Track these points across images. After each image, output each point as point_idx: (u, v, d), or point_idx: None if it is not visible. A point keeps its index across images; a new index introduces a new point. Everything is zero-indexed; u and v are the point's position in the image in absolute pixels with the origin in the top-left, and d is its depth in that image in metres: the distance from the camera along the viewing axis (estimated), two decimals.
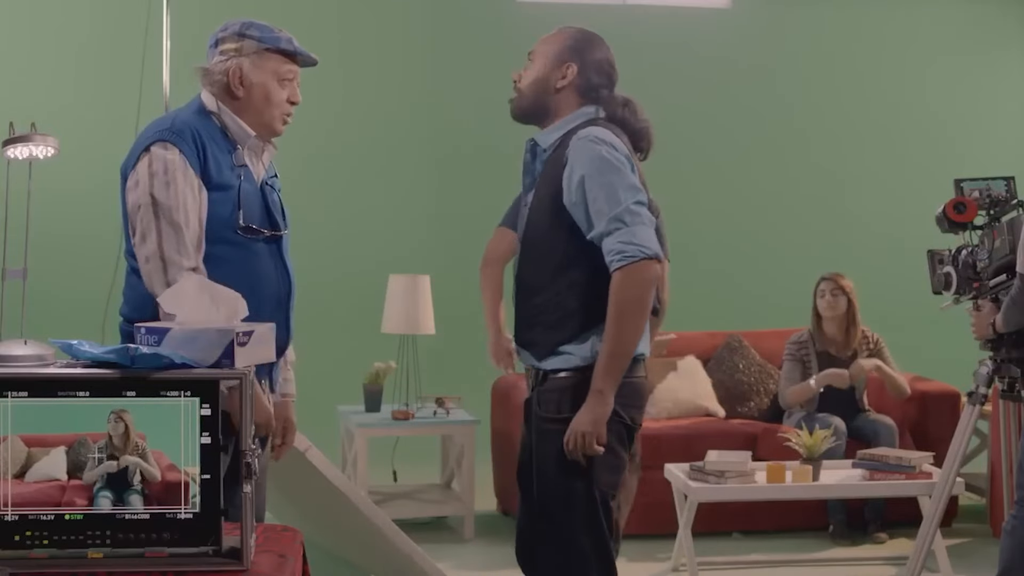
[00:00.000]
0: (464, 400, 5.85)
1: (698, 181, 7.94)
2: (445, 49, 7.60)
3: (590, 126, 3.04)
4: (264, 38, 2.93)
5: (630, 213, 2.91)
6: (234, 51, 2.93)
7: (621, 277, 2.88)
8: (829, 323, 5.68)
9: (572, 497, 2.98)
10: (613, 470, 3.02)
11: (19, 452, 2.13)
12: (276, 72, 2.94)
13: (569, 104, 3.09)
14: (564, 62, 3.09)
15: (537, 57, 3.13)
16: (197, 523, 2.16)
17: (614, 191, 2.92)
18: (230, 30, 2.96)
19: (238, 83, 2.92)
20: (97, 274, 5.03)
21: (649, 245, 2.89)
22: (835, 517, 5.45)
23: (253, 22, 2.97)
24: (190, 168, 2.82)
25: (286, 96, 2.97)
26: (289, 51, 2.96)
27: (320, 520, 4.53)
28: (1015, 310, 3.83)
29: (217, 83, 2.94)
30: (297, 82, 3.00)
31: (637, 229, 2.90)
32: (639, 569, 4.96)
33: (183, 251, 2.77)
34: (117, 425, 2.13)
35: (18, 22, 7.21)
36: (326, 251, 7.06)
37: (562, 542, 3.01)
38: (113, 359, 2.16)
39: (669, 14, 7.97)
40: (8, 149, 4.28)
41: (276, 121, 2.97)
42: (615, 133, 3.05)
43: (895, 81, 8.16)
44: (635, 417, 3.05)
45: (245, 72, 2.92)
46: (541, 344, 3.04)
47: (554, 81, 3.09)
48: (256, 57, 2.93)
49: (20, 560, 2.13)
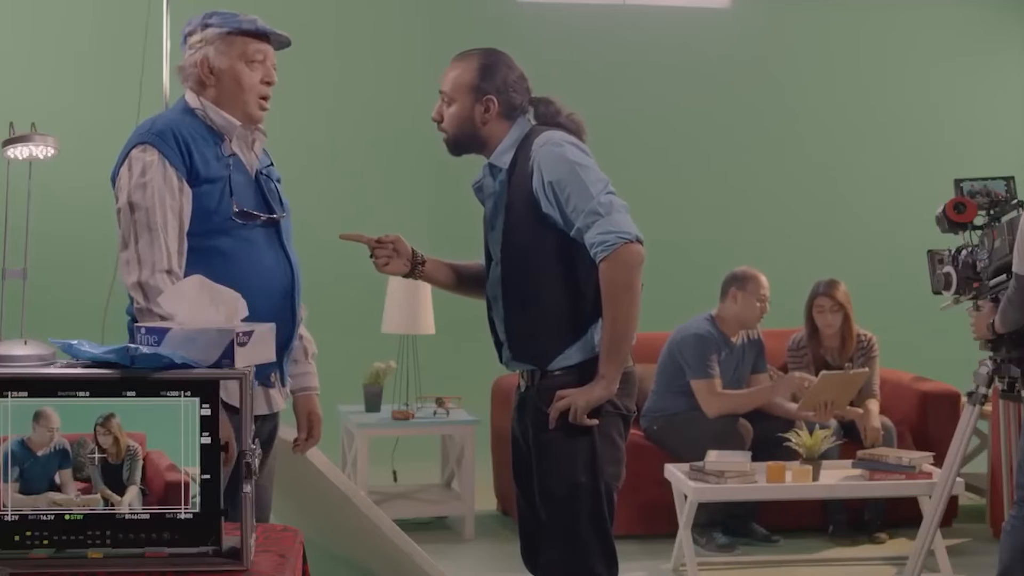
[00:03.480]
0: (464, 400, 5.85)
1: (697, 181, 7.96)
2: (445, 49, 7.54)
3: (542, 133, 3.06)
4: (224, 22, 2.93)
5: (603, 204, 2.94)
6: (199, 42, 2.93)
7: (607, 266, 2.92)
8: (826, 335, 5.68)
9: (577, 490, 3.00)
10: (615, 462, 3.06)
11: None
12: (243, 54, 2.93)
13: (499, 129, 3.12)
14: (482, 95, 3.09)
15: (453, 95, 3.11)
16: (197, 523, 2.15)
17: (584, 187, 2.95)
18: (194, 23, 2.96)
19: (207, 72, 2.92)
20: (97, 274, 5.03)
21: (627, 229, 2.93)
22: (835, 517, 5.45)
23: (215, 11, 2.96)
24: (170, 168, 2.82)
25: (259, 78, 2.94)
26: (250, 30, 2.93)
27: (320, 520, 4.54)
28: (1012, 310, 3.83)
29: (191, 77, 2.95)
30: (271, 63, 2.97)
31: (613, 217, 2.93)
32: (639, 569, 4.96)
33: (158, 253, 2.78)
34: (106, 437, 2.13)
35: (18, 22, 7.21)
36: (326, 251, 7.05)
37: (567, 535, 3.03)
38: (113, 359, 2.16)
39: (669, 14, 7.97)
40: (8, 149, 4.27)
41: (252, 105, 2.95)
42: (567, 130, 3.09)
43: (895, 81, 8.17)
44: (629, 406, 3.10)
45: (211, 60, 2.91)
46: (550, 352, 3.04)
47: (478, 117, 3.10)
48: (220, 43, 2.92)
49: (20, 560, 2.13)
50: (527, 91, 3.15)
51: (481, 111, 3.10)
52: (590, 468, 3.00)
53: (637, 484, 5.30)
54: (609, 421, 3.02)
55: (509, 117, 3.12)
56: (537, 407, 3.06)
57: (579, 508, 3.01)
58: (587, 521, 3.01)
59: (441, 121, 3.15)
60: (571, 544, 3.03)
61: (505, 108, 3.11)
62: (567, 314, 3.01)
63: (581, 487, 3.00)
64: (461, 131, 3.13)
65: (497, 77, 3.10)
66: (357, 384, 5.76)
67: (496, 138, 3.12)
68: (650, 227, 3.08)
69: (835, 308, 5.62)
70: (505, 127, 3.12)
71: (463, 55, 3.17)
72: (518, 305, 3.08)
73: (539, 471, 3.07)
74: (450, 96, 3.13)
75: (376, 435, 5.64)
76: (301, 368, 3.17)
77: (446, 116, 3.14)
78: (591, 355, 3.00)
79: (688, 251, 7.74)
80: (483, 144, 3.13)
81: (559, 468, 3.02)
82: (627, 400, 3.08)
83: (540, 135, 3.06)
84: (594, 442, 3.00)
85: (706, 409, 5.35)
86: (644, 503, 5.22)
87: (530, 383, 3.11)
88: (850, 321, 5.65)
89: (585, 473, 3.00)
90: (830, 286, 5.65)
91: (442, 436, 5.90)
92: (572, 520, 3.02)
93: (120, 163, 2.88)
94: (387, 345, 5.91)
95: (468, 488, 5.50)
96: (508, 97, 3.10)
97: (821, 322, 5.66)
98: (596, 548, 3.02)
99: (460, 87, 3.11)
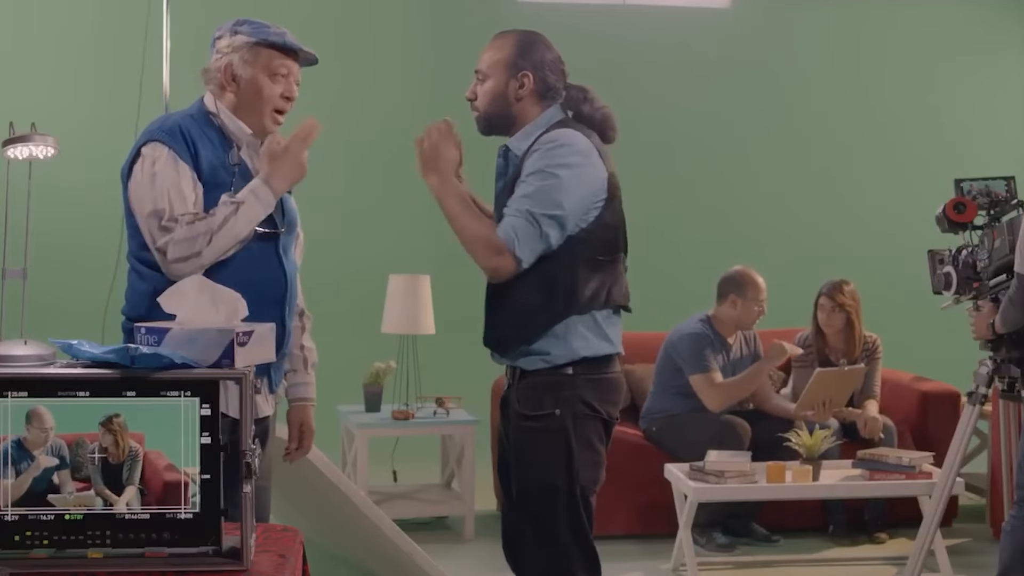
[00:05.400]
0: (464, 400, 5.85)
1: (698, 181, 7.96)
2: (445, 49, 7.59)
3: (558, 128, 3.04)
4: (254, 32, 2.93)
5: (538, 218, 2.92)
6: (227, 47, 2.94)
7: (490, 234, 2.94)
8: (829, 334, 5.68)
9: (553, 494, 3.00)
10: (593, 466, 3.05)
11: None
12: (267, 67, 2.92)
13: (532, 109, 3.09)
14: (519, 71, 3.07)
15: (489, 72, 3.10)
16: (197, 523, 2.16)
17: (544, 192, 2.93)
18: (225, 28, 2.97)
19: (230, 79, 2.92)
20: (97, 274, 5.03)
21: (524, 252, 2.91)
22: (835, 517, 5.45)
23: (248, 20, 2.96)
24: (181, 162, 2.82)
25: (279, 92, 2.94)
26: (279, 44, 2.93)
27: (320, 520, 4.54)
28: (1012, 310, 3.83)
29: (213, 80, 2.95)
30: (295, 79, 2.97)
31: (526, 230, 2.91)
32: (639, 569, 4.96)
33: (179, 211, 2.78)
34: (106, 436, 2.13)
35: (19, 22, 7.21)
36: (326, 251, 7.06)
37: (545, 539, 3.02)
38: (113, 359, 2.16)
39: (669, 14, 7.97)
40: (8, 149, 4.27)
41: (266, 118, 2.94)
42: (584, 133, 3.05)
43: (895, 81, 8.17)
44: (611, 412, 3.08)
45: (235, 67, 2.92)
46: (511, 342, 3.04)
47: (512, 93, 3.08)
48: (246, 52, 2.92)
49: (20, 560, 2.13)
50: (563, 74, 3.12)
51: (516, 87, 3.07)
52: (566, 471, 2.99)
53: (637, 484, 5.33)
54: (587, 424, 3.01)
55: (544, 97, 3.09)
56: (517, 409, 3.06)
57: (556, 511, 3.00)
58: (564, 524, 3.00)
59: (475, 100, 3.13)
60: (550, 548, 3.02)
61: (540, 87, 3.07)
62: (533, 308, 2.98)
63: (557, 490, 2.99)
64: (494, 107, 3.10)
65: (535, 55, 3.09)
66: (357, 384, 5.76)
67: (526, 119, 3.08)
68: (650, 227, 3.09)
69: (836, 309, 5.62)
70: (537, 109, 3.08)
71: (501, 35, 3.15)
72: (497, 293, 3.07)
73: (516, 473, 3.07)
74: (485, 73, 3.11)
75: (376, 435, 5.64)
76: (300, 378, 3.17)
77: (480, 93, 3.12)
78: (570, 359, 2.98)
79: (688, 251, 7.74)
80: (513, 122, 3.09)
81: (535, 469, 3.01)
82: (609, 406, 3.07)
83: (555, 131, 3.02)
84: (570, 445, 2.99)
85: (708, 403, 5.34)
86: (644, 503, 5.22)
87: (511, 381, 3.11)
88: (855, 322, 5.64)
89: (561, 476, 2.99)
90: (834, 287, 5.65)
91: (442, 436, 5.90)
92: (550, 524, 3.01)
93: (132, 161, 2.87)
94: (387, 345, 5.91)
95: (468, 488, 5.50)
96: (544, 75, 3.08)
97: (822, 321, 5.66)
98: (575, 552, 3.01)
99: (496, 63, 3.09)
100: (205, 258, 2.77)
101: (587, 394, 3.02)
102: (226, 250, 2.81)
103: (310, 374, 3.19)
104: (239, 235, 2.81)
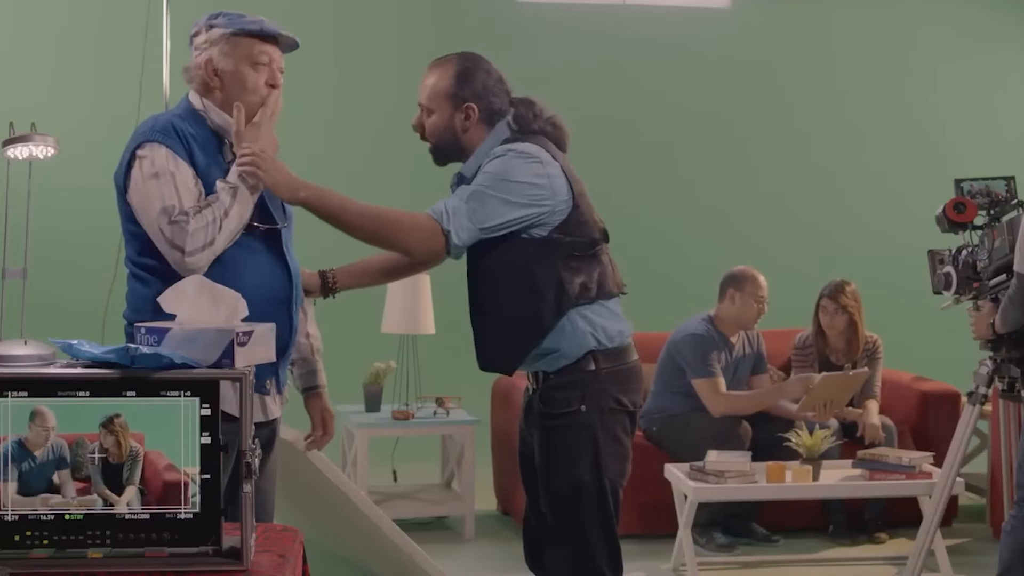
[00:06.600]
0: (464, 400, 5.85)
1: (698, 181, 7.95)
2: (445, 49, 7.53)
3: (504, 146, 3.00)
4: (230, 23, 2.88)
5: (474, 204, 2.90)
6: (204, 43, 2.90)
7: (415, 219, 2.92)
8: (831, 335, 5.67)
9: (582, 489, 2.99)
10: (621, 459, 3.05)
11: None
12: (248, 56, 2.87)
13: (480, 134, 3.07)
14: (462, 103, 3.05)
15: (432, 106, 3.08)
16: (197, 523, 2.16)
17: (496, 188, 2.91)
18: (200, 23, 2.92)
19: (212, 74, 2.87)
20: (97, 274, 5.04)
21: (455, 226, 2.88)
22: (835, 517, 5.45)
23: (222, 12, 2.91)
24: (180, 160, 2.80)
25: (264, 80, 2.89)
26: (255, 31, 2.88)
27: (320, 520, 4.53)
28: (1012, 310, 3.83)
29: (196, 78, 2.91)
30: (277, 66, 2.92)
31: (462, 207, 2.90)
32: (639, 569, 4.96)
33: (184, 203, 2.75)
34: (108, 437, 2.13)
35: (19, 22, 7.21)
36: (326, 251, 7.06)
37: (573, 535, 3.02)
38: (113, 359, 2.16)
39: (669, 14, 7.97)
40: (8, 149, 4.28)
41: (255, 108, 2.88)
42: (532, 142, 3.01)
43: (895, 81, 8.17)
44: (636, 401, 3.09)
45: (215, 61, 2.87)
46: (518, 352, 3.02)
47: (459, 125, 3.06)
48: (225, 44, 2.87)
49: (20, 560, 2.13)
50: (506, 93, 3.09)
51: (461, 119, 3.05)
52: (594, 466, 2.99)
53: (637, 484, 5.25)
54: (614, 418, 3.01)
55: (489, 123, 3.07)
56: (541, 409, 3.05)
57: (584, 507, 3.00)
58: (593, 520, 3.00)
59: (422, 132, 3.11)
60: (577, 544, 3.02)
61: (485, 114, 3.05)
62: (530, 313, 2.97)
63: (585, 485, 2.99)
64: (443, 140, 3.08)
65: (476, 83, 3.05)
66: (357, 384, 5.75)
67: (476, 144, 3.06)
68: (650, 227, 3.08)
69: (839, 311, 5.61)
70: (484, 132, 3.06)
71: (438, 62, 3.12)
72: (482, 310, 3.06)
73: (543, 470, 3.06)
74: (428, 107, 3.08)
75: (376, 435, 5.64)
76: (309, 366, 3.18)
77: (427, 126, 3.10)
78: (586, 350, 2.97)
79: (688, 251, 7.74)
80: (464, 150, 3.08)
81: (563, 466, 3.01)
82: (633, 395, 3.07)
83: (501, 147, 3.00)
84: (597, 439, 2.99)
85: (711, 408, 5.34)
86: (644, 503, 5.21)
87: (535, 385, 3.10)
88: (857, 323, 5.63)
89: (588, 471, 2.99)
90: (836, 288, 5.64)
91: (442, 436, 5.90)
92: (577, 519, 3.01)
93: (127, 165, 2.82)
94: (387, 345, 5.90)
95: (468, 488, 5.50)
96: (488, 103, 3.05)
97: (824, 322, 5.66)
98: (602, 548, 3.02)
99: (438, 96, 3.06)
100: (218, 244, 2.75)
101: (612, 388, 3.01)
102: (234, 235, 2.78)
103: (318, 360, 3.19)
104: (244, 216, 2.79)
